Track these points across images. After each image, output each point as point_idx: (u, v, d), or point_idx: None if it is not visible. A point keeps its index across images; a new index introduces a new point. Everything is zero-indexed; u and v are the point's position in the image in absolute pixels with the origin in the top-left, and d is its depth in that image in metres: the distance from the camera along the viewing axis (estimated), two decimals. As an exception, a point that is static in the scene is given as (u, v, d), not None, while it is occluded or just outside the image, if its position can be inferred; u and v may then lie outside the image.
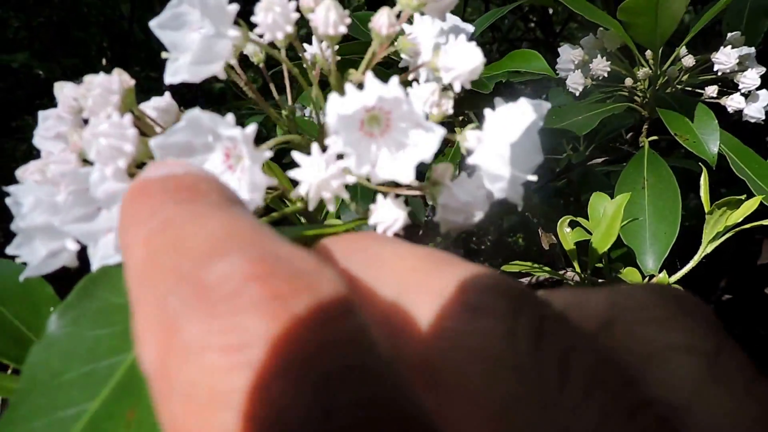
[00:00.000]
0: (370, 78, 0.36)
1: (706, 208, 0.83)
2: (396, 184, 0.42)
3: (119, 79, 0.42)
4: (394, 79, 0.37)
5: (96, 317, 0.35)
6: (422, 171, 0.43)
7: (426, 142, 0.38)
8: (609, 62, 1.03)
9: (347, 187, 0.39)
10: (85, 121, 0.45)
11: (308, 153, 0.48)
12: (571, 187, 1.17)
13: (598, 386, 0.17)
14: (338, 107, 0.36)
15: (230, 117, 0.35)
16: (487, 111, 0.46)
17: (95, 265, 0.38)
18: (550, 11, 1.78)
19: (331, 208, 0.38)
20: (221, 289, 0.16)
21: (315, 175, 0.36)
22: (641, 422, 0.16)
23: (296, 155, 0.37)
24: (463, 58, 0.43)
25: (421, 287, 0.20)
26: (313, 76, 0.47)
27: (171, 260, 0.18)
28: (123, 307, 0.35)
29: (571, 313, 0.20)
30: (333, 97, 0.36)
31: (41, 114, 0.45)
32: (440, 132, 0.38)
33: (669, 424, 0.17)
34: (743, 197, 0.80)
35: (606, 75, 1.03)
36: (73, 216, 0.39)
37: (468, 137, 0.46)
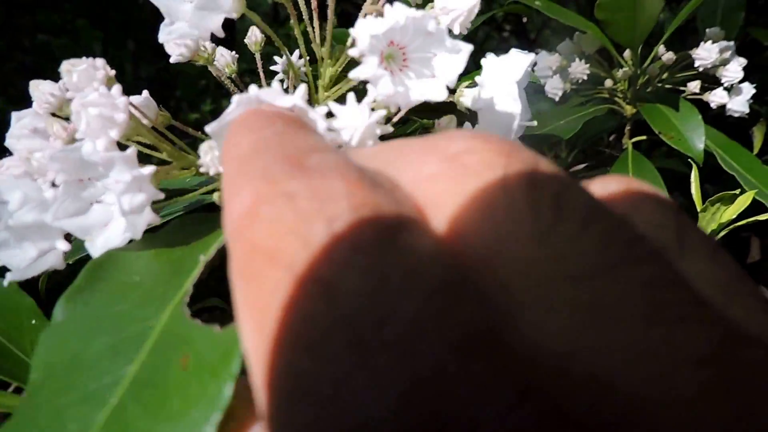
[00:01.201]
0: (388, 7, 0.37)
1: (698, 206, 0.81)
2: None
3: (103, 63, 0.43)
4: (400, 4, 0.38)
5: (110, 296, 0.37)
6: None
7: (453, 62, 0.39)
8: (588, 65, 1.02)
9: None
10: (65, 118, 0.46)
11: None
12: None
13: (594, 220, 0.17)
14: (370, 28, 0.36)
15: (276, 84, 0.35)
16: (483, 61, 0.47)
17: (96, 252, 0.39)
18: (524, 20, 1.78)
19: None
20: (318, 167, 0.19)
21: (360, 120, 0.36)
22: (639, 253, 0.17)
23: (333, 106, 0.38)
24: None
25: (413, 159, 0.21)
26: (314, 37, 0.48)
27: (279, 148, 0.21)
28: (137, 285, 0.38)
29: None
30: (360, 22, 0.37)
31: (15, 115, 0.45)
32: (468, 48, 0.39)
33: (664, 256, 0.17)
34: (737, 192, 0.78)
35: (585, 78, 1.02)
36: (65, 210, 0.38)
37: (465, 93, 0.47)
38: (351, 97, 0.37)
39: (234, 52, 0.57)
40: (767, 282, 1.31)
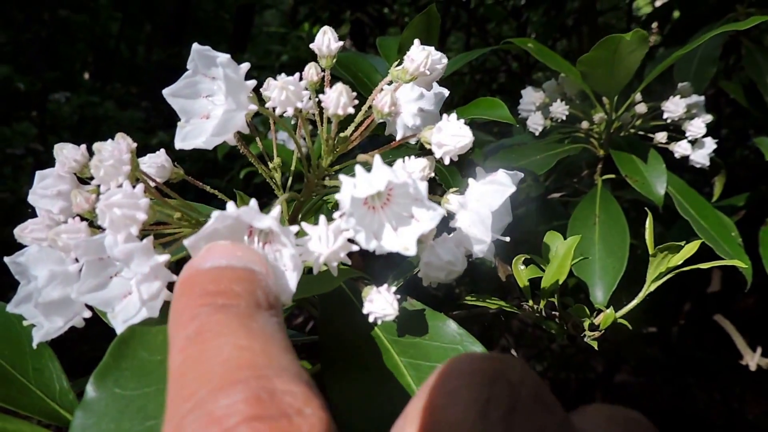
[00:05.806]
0: (378, 162, 0.41)
1: (651, 251, 0.89)
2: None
3: (128, 147, 0.45)
4: (399, 163, 0.42)
5: (137, 377, 0.39)
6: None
7: (427, 218, 0.43)
8: (568, 106, 1.09)
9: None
10: (81, 180, 0.49)
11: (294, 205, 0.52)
12: (529, 218, 1.23)
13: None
14: (352, 191, 0.40)
15: (254, 203, 0.39)
16: (470, 181, 0.52)
17: (120, 328, 0.42)
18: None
19: (335, 273, 0.42)
20: (224, 423, 0.24)
21: (325, 247, 0.40)
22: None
23: (305, 225, 0.41)
24: (454, 137, 0.49)
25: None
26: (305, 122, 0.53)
27: (194, 382, 0.25)
28: (159, 364, 0.40)
29: None
30: (346, 180, 0.41)
31: (38, 173, 0.49)
32: (441, 211, 0.43)
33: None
34: (683, 243, 0.86)
35: (564, 118, 1.10)
36: (87, 286, 0.42)
37: (450, 200, 0.52)
38: (322, 220, 0.40)
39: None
40: (725, 309, 1.40)
